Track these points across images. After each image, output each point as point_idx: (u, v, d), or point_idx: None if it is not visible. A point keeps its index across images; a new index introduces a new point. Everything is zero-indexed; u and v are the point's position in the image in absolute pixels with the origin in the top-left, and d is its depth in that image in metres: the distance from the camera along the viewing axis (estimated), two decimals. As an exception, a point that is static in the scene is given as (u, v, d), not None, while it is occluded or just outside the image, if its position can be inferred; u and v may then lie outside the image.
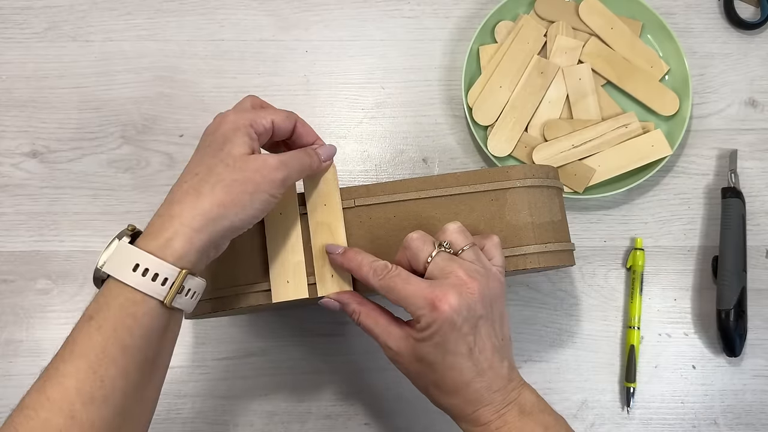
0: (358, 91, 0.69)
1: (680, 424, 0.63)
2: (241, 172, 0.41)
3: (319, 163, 0.48)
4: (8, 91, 0.68)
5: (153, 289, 0.39)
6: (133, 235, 0.42)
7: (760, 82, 0.69)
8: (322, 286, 0.48)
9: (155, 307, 0.39)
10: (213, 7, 0.70)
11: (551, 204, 0.52)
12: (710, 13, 0.71)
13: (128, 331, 0.38)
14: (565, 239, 0.52)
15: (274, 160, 0.43)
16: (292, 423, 0.63)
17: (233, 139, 0.43)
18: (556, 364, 0.64)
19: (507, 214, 0.50)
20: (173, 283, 0.39)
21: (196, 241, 0.40)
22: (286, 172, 0.43)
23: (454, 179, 0.50)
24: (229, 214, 0.41)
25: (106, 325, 0.38)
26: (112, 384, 0.37)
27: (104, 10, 0.70)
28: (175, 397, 0.63)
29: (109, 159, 0.67)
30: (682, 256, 0.66)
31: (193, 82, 0.69)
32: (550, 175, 0.53)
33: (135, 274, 0.39)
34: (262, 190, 0.42)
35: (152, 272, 0.39)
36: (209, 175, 0.41)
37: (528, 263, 0.50)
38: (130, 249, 0.39)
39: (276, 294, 0.48)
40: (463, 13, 0.70)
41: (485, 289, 0.43)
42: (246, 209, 0.41)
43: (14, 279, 0.65)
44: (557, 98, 0.67)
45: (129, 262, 0.39)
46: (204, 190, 0.41)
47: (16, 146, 0.67)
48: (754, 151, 0.68)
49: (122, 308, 0.38)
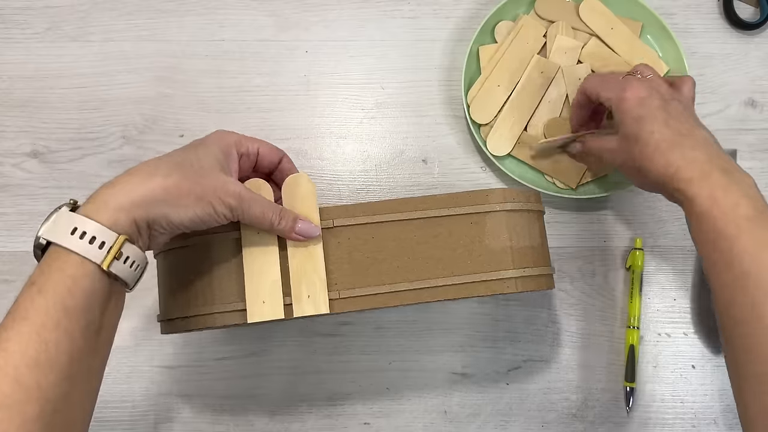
0: (358, 91, 0.69)
1: (680, 423, 0.63)
2: (201, 177, 0.43)
3: (288, 231, 0.47)
4: (9, 91, 0.68)
5: (90, 252, 0.39)
6: (74, 208, 0.42)
7: (759, 82, 0.69)
8: (298, 307, 0.48)
9: (94, 271, 0.39)
10: (213, 8, 0.70)
11: (531, 228, 0.52)
12: (710, 13, 0.71)
13: (69, 292, 0.38)
14: (544, 263, 0.53)
15: (233, 186, 0.44)
16: (292, 423, 0.63)
17: (211, 149, 0.45)
18: (556, 364, 0.64)
19: (486, 237, 0.50)
20: (111, 247, 0.39)
21: (134, 212, 0.40)
22: (237, 201, 0.44)
23: (434, 201, 0.50)
24: (170, 202, 0.41)
25: (47, 287, 0.38)
26: (57, 347, 0.37)
27: (104, 11, 0.70)
28: (175, 397, 0.63)
29: (110, 159, 0.67)
30: (681, 256, 0.66)
31: (193, 83, 0.69)
32: (531, 199, 0.53)
33: (73, 237, 0.39)
34: (209, 200, 0.43)
35: (89, 235, 0.39)
36: (173, 165, 0.43)
37: (506, 288, 0.49)
38: (70, 214, 0.40)
39: (251, 314, 0.47)
40: (463, 13, 0.71)
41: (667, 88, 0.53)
42: (187, 209, 0.42)
43: (15, 279, 0.65)
44: (557, 98, 0.67)
45: (67, 226, 0.39)
46: (160, 172, 0.42)
47: (16, 146, 0.67)
48: (753, 151, 0.68)
49: (62, 270, 0.39)
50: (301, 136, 0.68)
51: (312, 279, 0.48)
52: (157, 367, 0.64)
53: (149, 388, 0.63)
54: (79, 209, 0.41)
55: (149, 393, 0.63)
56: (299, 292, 0.48)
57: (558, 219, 0.67)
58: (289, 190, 0.50)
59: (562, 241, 0.66)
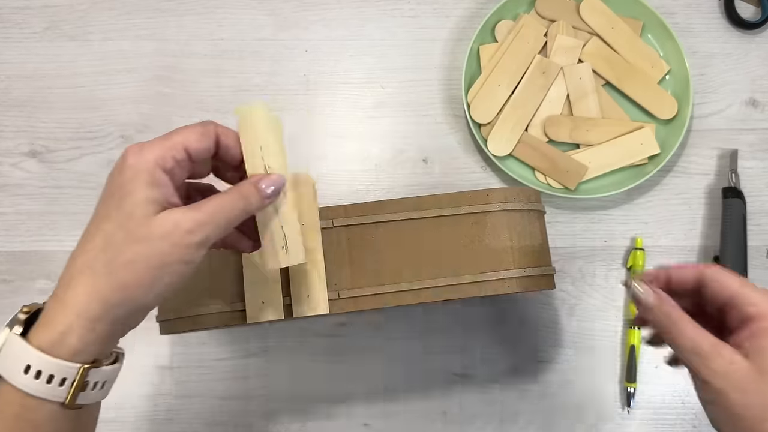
0: (358, 90, 0.69)
1: (680, 424, 0.63)
2: (144, 242, 0.34)
3: (260, 201, 0.38)
4: (7, 91, 0.68)
5: (50, 392, 0.33)
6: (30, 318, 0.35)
7: (760, 81, 0.69)
8: (297, 307, 0.48)
9: (56, 410, 0.34)
10: (212, 7, 0.70)
11: (532, 228, 0.52)
12: (711, 12, 0.71)
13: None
14: (545, 263, 0.52)
15: (188, 222, 0.35)
16: (292, 423, 0.63)
17: (134, 191, 0.35)
18: (557, 364, 0.64)
19: (487, 237, 0.50)
20: (73, 382, 0.34)
21: (97, 330, 0.34)
22: (205, 234, 0.35)
23: (435, 201, 0.50)
24: (132, 297, 0.35)
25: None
26: None
27: (103, 10, 0.70)
28: (175, 398, 0.63)
29: (109, 159, 0.67)
30: (682, 256, 0.66)
31: (192, 82, 0.68)
32: (532, 198, 0.52)
33: (27, 376, 0.33)
34: (170, 262, 0.35)
35: (46, 374, 0.33)
36: (106, 249, 0.34)
37: (506, 288, 0.49)
38: (20, 346, 0.33)
39: (251, 315, 0.47)
40: (463, 12, 0.70)
41: None
42: (153, 288, 0.35)
43: (13, 279, 0.65)
44: (557, 97, 0.67)
45: (20, 363, 0.33)
46: (100, 271, 0.34)
47: (15, 146, 0.67)
48: (754, 150, 0.68)
49: (18, 418, 0.33)
50: (301, 136, 0.68)
51: (312, 279, 0.48)
52: (157, 367, 0.63)
53: (149, 388, 0.63)
54: (33, 332, 0.34)
55: (149, 393, 0.63)
56: (299, 292, 0.48)
57: (558, 219, 0.67)
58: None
59: (563, 241, 0.66)
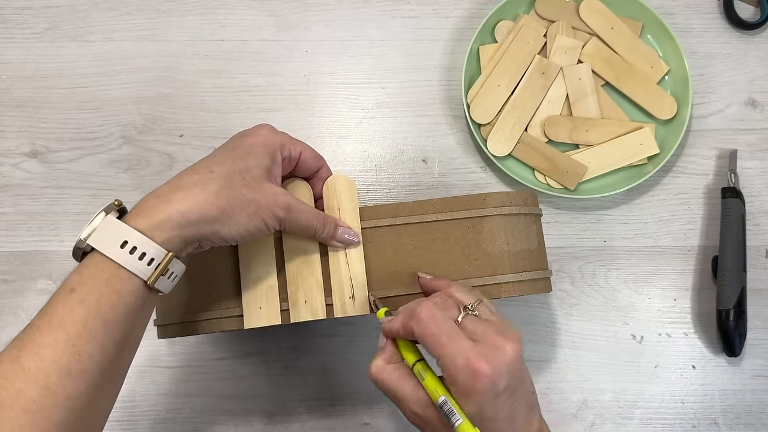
0: (358, 91, 0.69)
1: (680, 424, 0.63)
2: (252, 191, 0.42)
3: (330, 236, 0.48)
4: (8, 91, 0.68)
5: (139, 268, 0.39)
6: (120, 210, 0.41)
7: (759, 82, 0.69)
8: (295, 312, 0.48)
9: (139, 286, 0.39)
10: (213, 7, 0.70)
11: (528, 232, 0.52)
12: (710, 13, 0.71)
13: (112, 307, 0.38)
14: (541, 267, 0.52)
15: (283, 198, 0.44)
16: (292, 423, 0.63)
17: (259, 155, 0.44)
18: (556, 364, 0.64)
19: (483, 242, 0.49)
20: (159, 264, 0.39)
21: (186, 231, 0.40)
22: (287, 214, 0.44)
23: (431, 206, 0.49)
24: (223, 220, 0.41)
25: (89, 298, 0.37)
26: (90, 359, 0.37)
27: (104, 10, 0.70)
28: (175, 397, 0.63)
29: (110, 159, 0.67)
30: (681, 256, 0.66)
31: (193, 82, 0.69)
32: (528, 201, 0.52)
33: (123, 251, 0.38)
34: (260, 215, 0.43)
35: (140, 251, 0.38)
36: (223, 179, 0.41)
37: (503, 292, 0.49)
38: (120, 225, 0.39)
39: (248, 320, 0.47)
40: (463, 13, 0.70)
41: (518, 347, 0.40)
42: (239, 225, 0.42)
43: (14, 279, 0.65)
44: (557, 98, 0.67)
45: (118, 238, 0.38)
46: (211, 188, 0.41)
47: (16, 146, 0.67)
48: (754, 151, 0.68)
49: (107, 284, 0.38)
50: (301, 136, 0.67)
51: (309, 284, 0.48)
52: (157, 367, 0.64)
53: (149, 388, 0.63)
54: (129, 220, 0.39)
55: (149, 393, 0.63)
56: (296, 297, 0.48)
57: (558, 219, 0.67)
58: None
59: (562, 241, 0.66)
